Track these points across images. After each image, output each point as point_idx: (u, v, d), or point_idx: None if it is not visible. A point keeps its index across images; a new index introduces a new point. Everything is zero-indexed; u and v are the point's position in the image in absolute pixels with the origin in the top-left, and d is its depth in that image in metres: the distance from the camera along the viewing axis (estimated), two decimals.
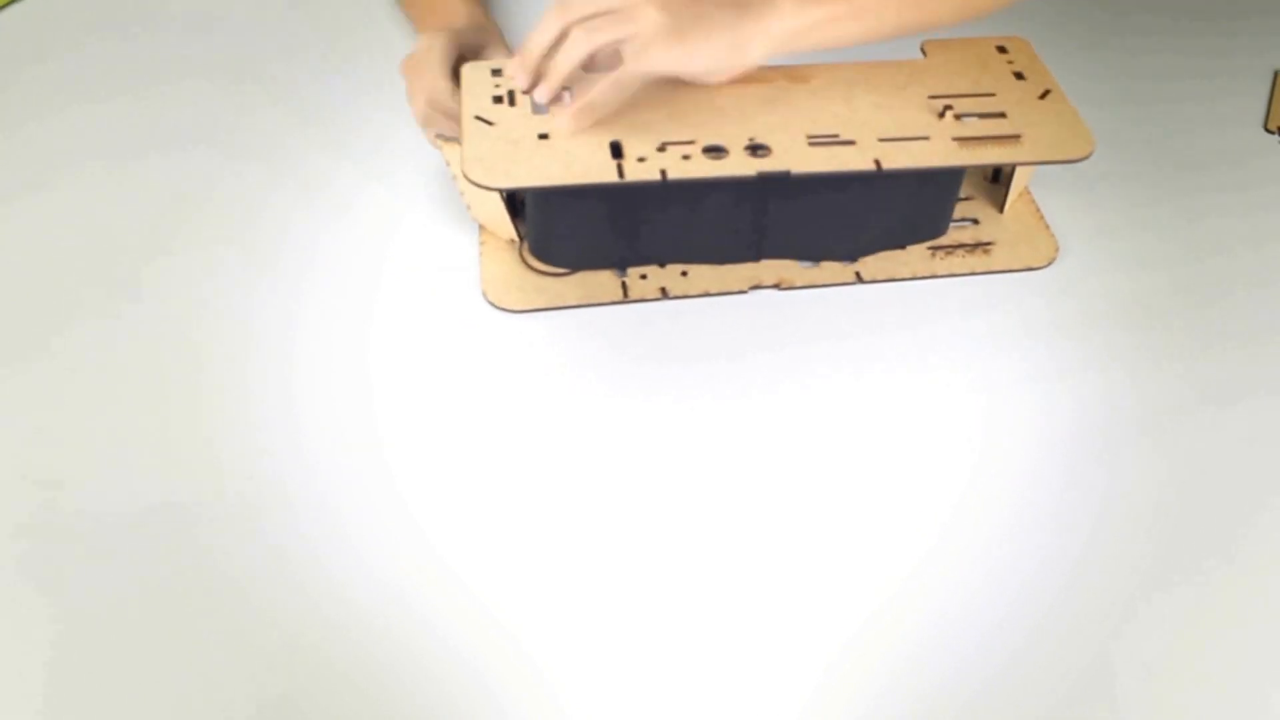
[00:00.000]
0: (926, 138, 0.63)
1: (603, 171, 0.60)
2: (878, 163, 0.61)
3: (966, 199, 0.74)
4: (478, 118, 0.63)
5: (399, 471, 0.58)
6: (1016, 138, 0.63)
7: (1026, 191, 0.74)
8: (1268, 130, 0.79)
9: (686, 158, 0.61)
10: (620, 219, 0.65)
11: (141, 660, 0.51)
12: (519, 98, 0.64)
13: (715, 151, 0.61)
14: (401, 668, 0.51)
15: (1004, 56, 0.70)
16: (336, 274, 0.68)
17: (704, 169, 0.60)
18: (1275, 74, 0.83)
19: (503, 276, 0.68)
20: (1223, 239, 0.71)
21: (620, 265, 0.68)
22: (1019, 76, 0.68)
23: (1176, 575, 0.55)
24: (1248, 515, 0.58)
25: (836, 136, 0.62)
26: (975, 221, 0.72)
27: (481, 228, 0.70)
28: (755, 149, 0.61)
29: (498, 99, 0.65)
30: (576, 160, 0.60)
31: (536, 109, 0.63)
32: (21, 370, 0.62)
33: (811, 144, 0.62)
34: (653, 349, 0.64)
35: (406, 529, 0.56)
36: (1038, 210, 0.73)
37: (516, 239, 0.69)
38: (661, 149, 0.61)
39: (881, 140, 0.62)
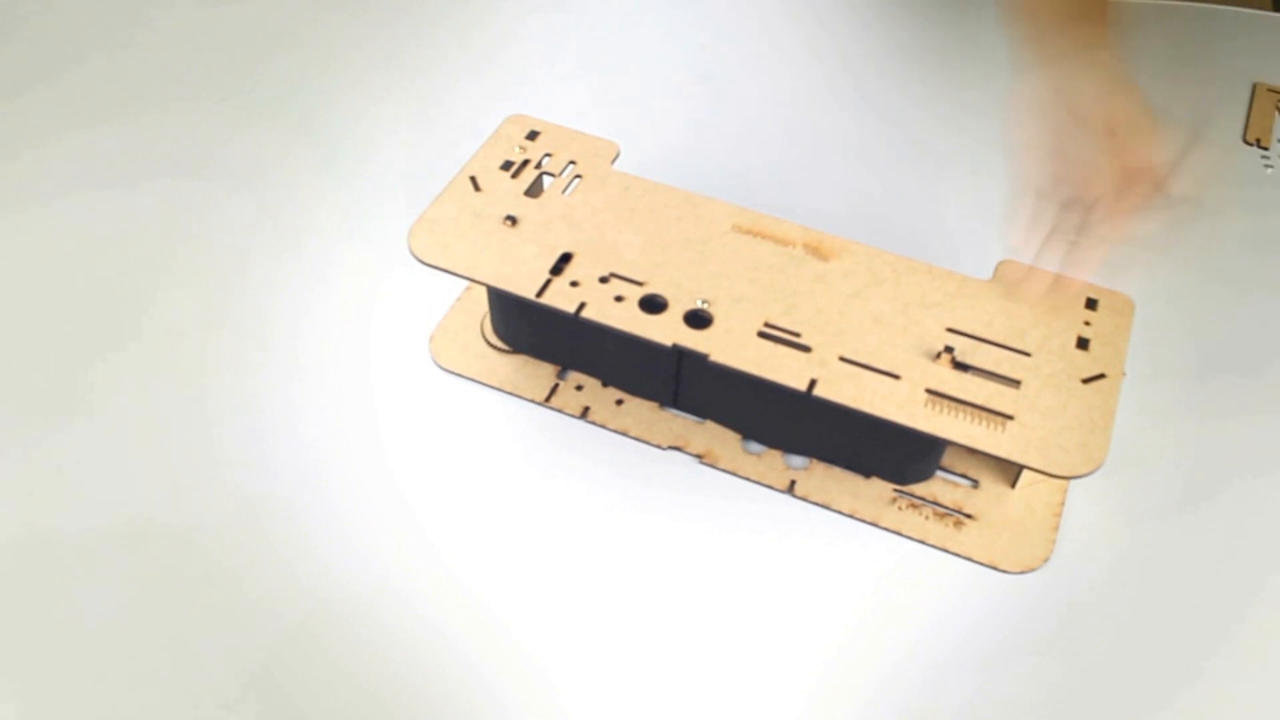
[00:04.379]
0: (896, 377, 0.53)
1: (525, 284, 0.56)
2: (811, 384, 0.53)
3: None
4: (471, 178, 0.61)
5: (400, 474, 0.60)
6: (1004, 420, 0.52)
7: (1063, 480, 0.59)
8: (1246, 142, 0.80)
9: (619, 299, 0.56)
10: (558, 321, 0.61)
11: (136, 652, 0.53)
12: (528, 170, 0.61)
13: (652, 305, 0.56)
14: (401, 664, 0.52)
15: (1087, 313, 0.57)
16: (329, 306, 0.68)
17: (621, 320, 0.55)
18: (1254, 86, 0.85)
19: (459, 330, 0.66)
20: (1203, 248, 0.72)
21: (562, 364, 0.64)
22: (1082, 344, 0.56)
23: None
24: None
25: (796, 336, 0.55)
26: (974, 483, 0.60)
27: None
28: (695, 317, 0.55)
29: (508, 164, 0.62)
30: (512, 262, 0.57)
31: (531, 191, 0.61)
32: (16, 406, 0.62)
33: (762, 334, 0.55)
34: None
35: (405, 524, 0.57)
36: (1059, 503, 0.59)
37: None
38: (605, 280, 0.56)
39: (842, 360, 0.54)
